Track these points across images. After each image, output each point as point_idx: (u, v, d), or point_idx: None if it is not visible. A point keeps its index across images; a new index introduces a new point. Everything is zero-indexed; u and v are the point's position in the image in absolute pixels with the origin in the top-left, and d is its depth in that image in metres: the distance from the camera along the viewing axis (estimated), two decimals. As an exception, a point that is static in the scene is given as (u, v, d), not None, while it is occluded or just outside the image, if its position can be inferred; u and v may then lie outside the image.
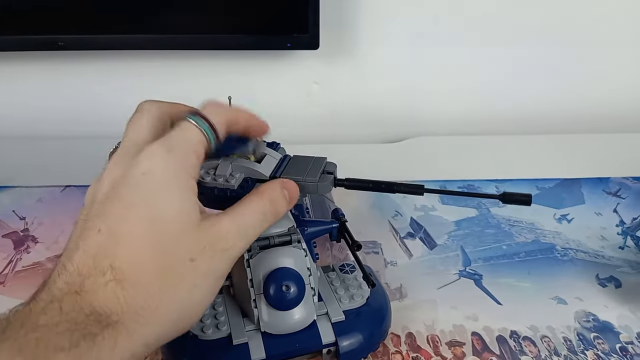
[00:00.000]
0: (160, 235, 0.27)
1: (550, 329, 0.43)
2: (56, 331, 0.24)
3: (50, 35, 0.62)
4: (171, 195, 0.28)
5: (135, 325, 0.26)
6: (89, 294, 0.26)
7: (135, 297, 0.26)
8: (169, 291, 0.27)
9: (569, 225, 0.56)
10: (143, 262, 0.27)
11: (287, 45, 0.65)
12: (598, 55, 0.75)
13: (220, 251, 0.29)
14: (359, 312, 0.39)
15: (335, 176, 0.36)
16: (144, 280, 0.27)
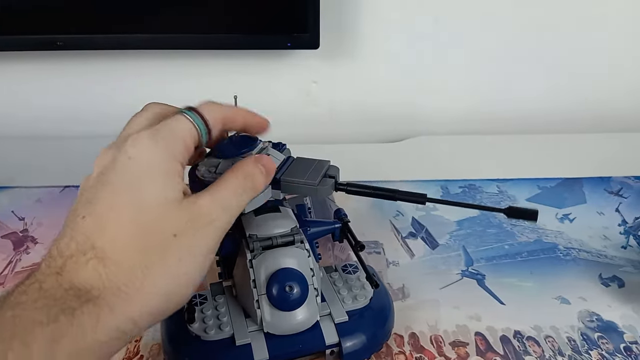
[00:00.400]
0: (143, 217, 0.28)
1: (554, 329, 0.43)
2: (34, 307, 0.24)
3: (49, 35, 0.62)
4: (155, 178, 0.29)
5: (118, 301, 0.26)
6: (70, 273, 0.26)
7: (117, 274, 0.26)
8: (153, 268, 0.27)
9: (571, 224, 0.56)
10: (125, 242, 0.27)
11: (287, 44, 0.65)
12: (599, 54, 0.75)
13: (203, 226, 0.29)
14: (362, 312, 0.38)
15: (337, 180, 0.35)
16: (127, 259, 0.27)
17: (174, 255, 0.28)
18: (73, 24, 0.62)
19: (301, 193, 0.35)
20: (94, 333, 0.25)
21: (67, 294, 0.25)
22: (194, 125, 0.31)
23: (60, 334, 0.24)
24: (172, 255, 0.28)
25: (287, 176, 0.35)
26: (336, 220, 0.41)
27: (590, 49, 0.75)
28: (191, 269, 0.29)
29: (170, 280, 0.28)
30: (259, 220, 0.37)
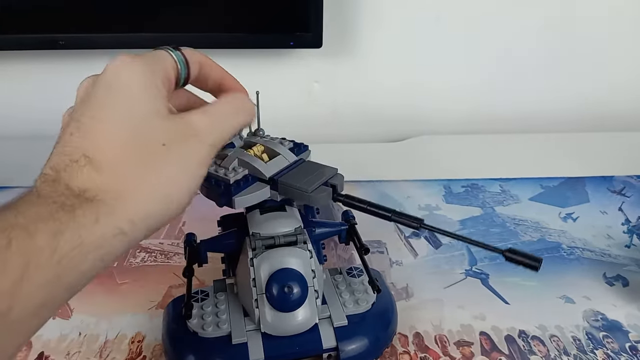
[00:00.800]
0: (131, 126, 0.28)
1: (559, 328, 0.42)
2: (34, 204, 0.25)
3: (50, 34, 0.62)
4: (140, 92, 0.29)
5: (114, 202, 0.26)
6: (65, 179, 0.26)
7: (111, 177, 0.26)
8: (147, 171, 0.27)
9: (574, 223, 0.56)
10: (116, 149, 0.27)
11: (290, 43, 0.65)
12: (602, 53, 0.75)
13: (191, 136, 0.29)
14: (364, 317, 0.38)
15: (337, 190, 0.34)
16: (120, 164, 0.27)
17: (166, 161, 0.28)
18: (74, 23, 0.62)
19: (295, 198, 0.35)
20: (95, 229, 0.25)
21: (65, 195, 0.25)
22: (174, 58, 0.31)
23: (62, 227, 0.24)
24: (163, 161, 0.28)
25: (285, 179, 0.35)
26: (343, 222, 0.41)
27: (593, 48, 0.75)
28: (183, 176, 0.29)
29: (165, 184, 0.28)
30: (263, 218, 0.37)
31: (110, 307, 0.44)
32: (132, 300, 0.45)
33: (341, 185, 0.35)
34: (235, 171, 0.35)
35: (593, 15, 0.73)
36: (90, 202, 0.25)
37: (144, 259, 0.50)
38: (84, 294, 0.45)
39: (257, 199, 0.35)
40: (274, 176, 0.35)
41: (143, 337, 0.42)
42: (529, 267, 0.30)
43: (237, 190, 0.35)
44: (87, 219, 0.25)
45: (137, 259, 0.50)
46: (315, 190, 0.34)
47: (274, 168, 0.36)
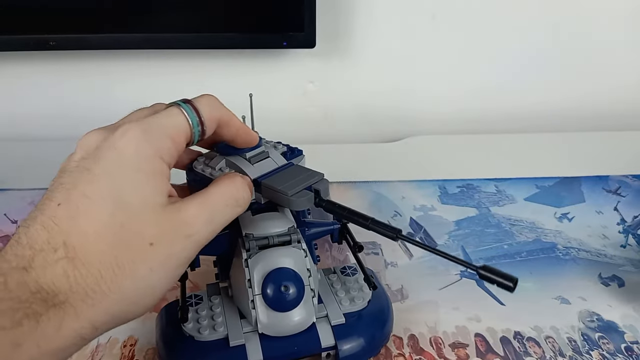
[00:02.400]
0: (121, 216, 0.27)
1: (554, 329, 0.42)
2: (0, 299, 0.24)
3: (41, 35, 0.61)
4: (138, 175, 0.27)
5: (84, 306, 0.25)
6: (36, 271, 0.25)
7: (86, 278, 0.25)
8: (123, 275, 0.26)
9: (569, 224, 0.56)
10: (99, 242, 0.26)
11: (283, 43, 0.65)
12: (596, 52, 0.75)
13: (184, 237, 0.28)
14: (360, 315, 0.38)
15: (320, 196, 0.33)
16: (98, 262, 0.26)
17: (147, 265, 0.27)
18: (66, 23, 0.62)
19: (276, 201, 0.34)
20: (55, 338, 0.24)
21: (34, 297, 0.24)
22: (188, 123, 0.30)
23: (22, 338, 0.23)
24: (145, 265, 0.27)
25: (268, 181, 0.34)
26: (335, 222, 0.40)
27: (588, 47, 0.75)
28: (161, 280, 0.28)
29: (138, 289, 0.27)
30: (256, 219, 0.37)
31: (102, 310, 0.44)
32: (125, 303, 0.45)
33: (325, 190, 0.34)
34: (222, 171, 0.35)
35: (589, 15, 0.73)
36: (56, 308, 0.25)
37: (136, 262, 0.50)
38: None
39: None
40: (258, 178, 0.35)
41: (135, 340, 0.41)
42: (504, 287, 0.28)
43: None
44: (50, 326, 0.24)
45: (130, 262, 0.50)
46: (297, 194, 0.33)
47: (260, 170, 0.35)
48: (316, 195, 0.33)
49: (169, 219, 0.28)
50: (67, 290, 0.25)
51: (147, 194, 0.28)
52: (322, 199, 0.33)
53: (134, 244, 0.27)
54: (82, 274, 0.25)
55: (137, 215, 0.27)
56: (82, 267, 0.25)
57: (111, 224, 0.26)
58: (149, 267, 0.27)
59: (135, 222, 0.27)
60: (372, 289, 0.38)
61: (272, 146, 0.37)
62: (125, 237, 0.26)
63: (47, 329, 0.24)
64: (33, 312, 0.24)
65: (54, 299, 0.25)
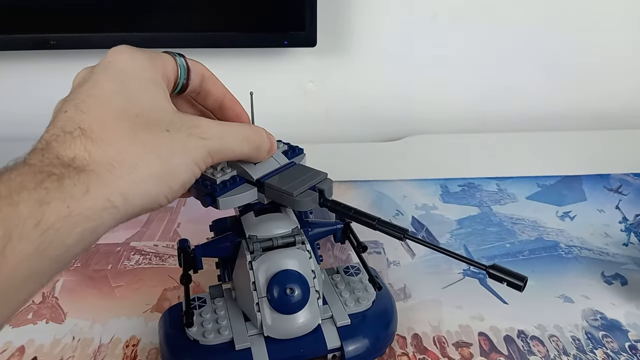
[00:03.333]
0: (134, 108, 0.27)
1: (558, 328, 0.42)
2: (19, 173, 0.23)
3: (42, 34, 0.61)
4: (141, 81, 0.28)
5: (109, 175, 0.25)
6: (56, 148, 0.25)
7: (107, 150, 0.25)
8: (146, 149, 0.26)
9: (571, 222, 0.56)
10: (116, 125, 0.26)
11: (284, 42, 0.64)
12: (597, 52, 0.75)
13: (196, 135, 0.28)
14: (365, 315, 0.37)
15: (324, 196, 0.33)
16: (117, 136, 0.26)
17: (167, 147, 0.27)
18: (66, 22, 0.61)
19: (281, 201, 0.34)
20: (84, 200, 0.24)
21: (54, 164, 0.24)
22: (175, 62, 0.31)
23: (48, 197, 0.23)
24: (165, 147, 0.27)
25: (272, 181, 0.34)
26: (338, 221, 0.40)
27: (588, 46, 0.75)
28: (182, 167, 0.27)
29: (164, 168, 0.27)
30: (259, 220, 0.36)
31: (104, 311, 0.44)
32: (127, 303, 0.45)
33: (329, 190, 0.34)
34: (224, 171, 0.35)
35: (590, 13, 0.73)
36: (80, 172, 0.24)
37: (138, 262, 0.49)
38: (78, 297, 0.45)
39: (243, 201, 0.35)
40: (261, 178, 0.34)
41: (138, 340, 0.41)
42: (513, 286, 0.28)
43: (223, 191, 0.34)
44: (76, 189, 0.24)
45: (132, 262, 0.49)
46: (301, 194, 0.33)
47: (262, 170, 0.35)
48: (320, 195, 0.33)
49: (182, 118, 0.28)
50: (89, 159, 0.25)
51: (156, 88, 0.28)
52: (326, 199, 0.33)
53: (151, 128, 0.27)
54: (104, 150, 0.25)
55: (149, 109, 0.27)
56: (102, 143, 0.25)
57: (126, 113, 0.26)
58: (168, 148, 0.27)
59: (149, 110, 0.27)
60: (377, 289, 0.38)
61: None
62: (142, 122, 0.27)
63: (73, 191, 0.23)
64: (56, 174, 0.24)
65: (75, 164, 0.24)
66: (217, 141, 0.29)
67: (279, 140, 0.38)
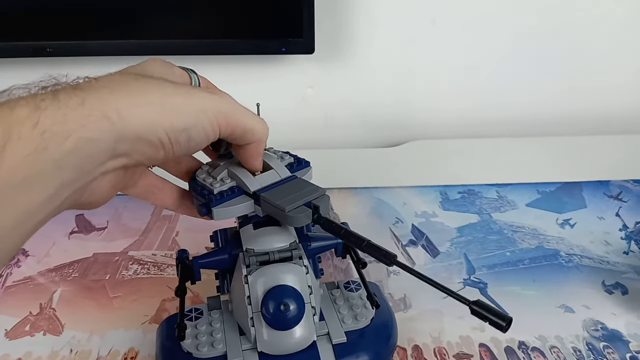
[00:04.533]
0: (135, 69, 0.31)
1: (558, 339, 0.42)
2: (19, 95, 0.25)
3: (38, 42, 0.61)
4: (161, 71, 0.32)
5: (106, 93, 0.26)
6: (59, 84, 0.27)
7: (109, 81, 0.27)
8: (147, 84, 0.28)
9: (572, 230, 0.55)
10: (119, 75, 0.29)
11: (282, 49, 0.64)
12: (598, 56, 0.75)
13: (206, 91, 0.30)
14: (363, 333, 0.37)
15: (319, 213, 0.33)
16: (119, 76, 0.28)
17: (171, 85, 0.28)
18: (63, 29, 0.61)
19: (275, 216, 0.33)
20: (79, 110, 0.24)
21: (53, 84, 0.26)
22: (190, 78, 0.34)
23: (44, 104, 0.24)
24: (167, 86, 0.28)
25: (268, 194, 0.33)
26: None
27: (589, 52, 0.75)
28: (186, 106, 0.28)
29: (162, 98, 0.27)
30: (257, 233, 0.36)
31: (102, 322, 0.43)
32: (125, 314, 0.44)
33: (325, 207, 0.33)
34: (223, 182, 0.35)
35: (590, 17, 0.72)
36: (76, 89, 0.25)
37: (136, 272, 0.49)
38: (75, 308, 0.45)
39: (237, 213, 0.34)
40: (258, 191, 0.34)
41: (136, 352, 0.41)
42: (495, 325, 0.26)
43: (219, 202, 0.34)
44: (72, 101, 0.24)
45: (130, 272, 0.49)
46: (294, 210, 0.32)
47: (261, 182, 0.35)
48: (315, 212, 0.32)
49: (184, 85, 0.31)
50: (89, 85, 0.26)
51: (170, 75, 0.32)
52: (320, 216, 0.32)
53: (154, 76, 0.29)
54: (104, 80, 0.27)
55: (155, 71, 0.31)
56: (104, 78, 0.27)
57: (125, 72, 0.29)
58: (174, 89, 0.28)
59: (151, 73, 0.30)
60: (375, 307, 0.38)
61: (278, 157, 0.37)
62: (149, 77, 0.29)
63: (69, 102, 0.24)
64: (51, 91, 0.25)
65: (74, 86, 0.26)
66: (230, 104, 0.30)
67: (286, 152, 0.38)
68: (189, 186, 0.37)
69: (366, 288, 0.38)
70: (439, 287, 0.29)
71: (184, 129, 0.28)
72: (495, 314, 0.27)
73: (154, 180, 0.36)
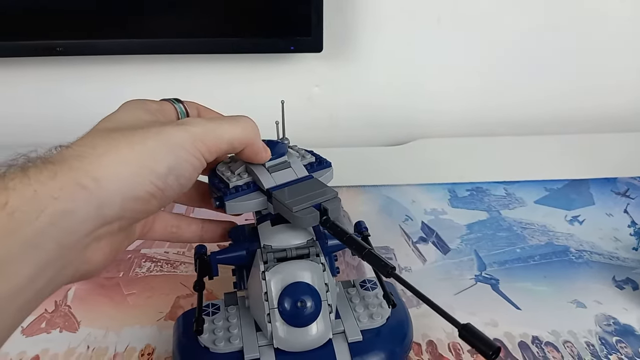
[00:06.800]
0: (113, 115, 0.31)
1: (571, 334, 0.42)
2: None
3: (48, 41, 0.61)
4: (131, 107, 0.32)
5: (78, 162, 0.25)
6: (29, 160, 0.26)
7: (77, 146, 0.27)
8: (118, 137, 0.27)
9: (580, 226, 0.56)
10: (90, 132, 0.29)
11: (290, 48, 0.64)
12: (605, 53, 0.75)
13: (177, 124, 0.29)
14: (378, 332, 0.37)
15: (328, 215, 0.33)
16: (89, 137, 0.28)
17: (139, 133, 0.27)
18: (73, 28, 0.61)
19: (283, 215, 0.34)
20: (51, 184, 0.23)
21: (16, 161, 0.25)
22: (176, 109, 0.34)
23: (12, 183, 0.23)
24: (137, 133, 0.27)
25: (279, 193, 0.34)
26: (356, 233, 0.40)
27: (595, 49, 0.75)
28: (163, 150, 0.27)
29: (139, 152, 0.27)
30: (275, 230, 0.36)
31: (118, 319, 0.44)
32: (140, 311, 0.45)
33: (334, 210, 0.33)
34: (240, 176, 0.35)
35: (596, 15, 0.73)
36: (47, 162, 0.24)
37: (149, 269, 0.49)
38: (90, 305, 0.45)
39: (250, 208, 0.35)
40: (272, 188, 0.34)
41: (153, 349, 0.41)
42: (482, 353, 0.26)
43: (234, 196, 0.35)
44: (43, 175, 0.24)
45: (143, 269, 0.49)
46: (301, 210, 0.33)
47: (276, 180, 0.35)
48: (323, 214, 0.33)
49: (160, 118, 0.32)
50: (59, 156, 0.25)
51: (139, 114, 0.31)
52: (327, 219, 0.33)
53: (127, 124, 0.29)
54: (74, 147, 0.26)
55: (129, 113, 0.31)
56: (72, 144, 0.27)
57: (94, 130, 0.29)
58: (143, 135, 0.27)
59: (126, 116, 0.30)
60: (392, 306, 0.38)
61: (299, 156, 0.37)
62: (117, 122, 0.29)
63: (39, 177, 0.23)
64: (20, 166, 0.24)
65: (44, 159, 0.25)
66: (202, 126, 0.30)
67: (309, 151, 0.38)
68: (208, 178, 0.37)
69: (383, 287, 0.38)
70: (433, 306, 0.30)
71: (168, 171, 0.27)
72: (483, 341, 0.26)
73: (170, 220, 0.37)
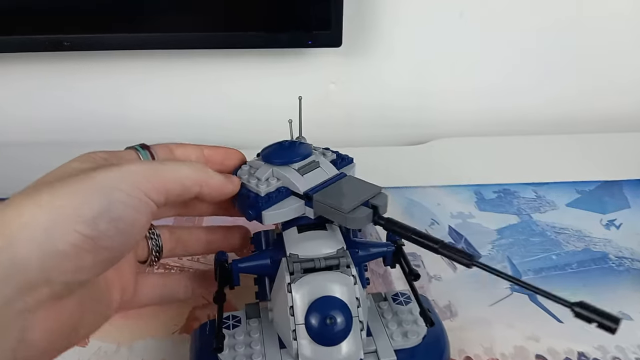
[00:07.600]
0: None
1: (619, 349, 0.39)
2: None
3: (55, 35, 0.58)
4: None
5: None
6: None
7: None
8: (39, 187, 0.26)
9: (618, 231, 0.53)
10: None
11: (308, 42, 0.61)
12: (633, 53, 0.72)
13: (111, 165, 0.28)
14: (413, 352, 0.33)
15: (378, 212, 0.30)
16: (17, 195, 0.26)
17: (66, 180, 0.25)
18: (80, 23, 0.59)
19: (331, 217, 0.31)
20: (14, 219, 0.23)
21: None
22: (139, 157, 0.31)
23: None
24: (64, 180, 0.25)
25: (321, 195, 0.31)
26: (389, 243, 0.36)
27: (628, 46, 0.71)
28: (82, 188, 0.25)
29: (59, 197, 0.24)
30: (302, 238, 0.33)
31: (130, 332, 0.41)
32: (154, 324, 0.42)
33: (384, 206, 0.31)
34: (269, 182, 0.33)
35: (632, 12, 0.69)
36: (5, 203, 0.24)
37: (162, 277, 0.46)
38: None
39: (289, 215, 0.32)
40: (309, 191, 0.32)
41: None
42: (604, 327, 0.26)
43: (268, 204, 0.32)
44: (7, 212, 0.23)
45: (155, 277, 0.46)
46: (353, 210, 0.30)
47: (310, 182, 0.32)
48: (375, 212, 0.30)
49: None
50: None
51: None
52: (380, 217, 0.30)
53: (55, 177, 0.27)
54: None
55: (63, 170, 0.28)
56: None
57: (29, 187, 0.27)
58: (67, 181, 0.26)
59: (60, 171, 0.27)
60: (429, 325, 0.34)
61: (320, 153, 0.34)
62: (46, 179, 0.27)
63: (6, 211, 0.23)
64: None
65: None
66: (143, 165, 0.28)
67: (326, 148, 0.36)
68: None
69: (419, 303, 0.35)
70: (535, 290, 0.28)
71: (98, 215, 0.24)
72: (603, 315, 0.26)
73: (154, 281, 0.35)
